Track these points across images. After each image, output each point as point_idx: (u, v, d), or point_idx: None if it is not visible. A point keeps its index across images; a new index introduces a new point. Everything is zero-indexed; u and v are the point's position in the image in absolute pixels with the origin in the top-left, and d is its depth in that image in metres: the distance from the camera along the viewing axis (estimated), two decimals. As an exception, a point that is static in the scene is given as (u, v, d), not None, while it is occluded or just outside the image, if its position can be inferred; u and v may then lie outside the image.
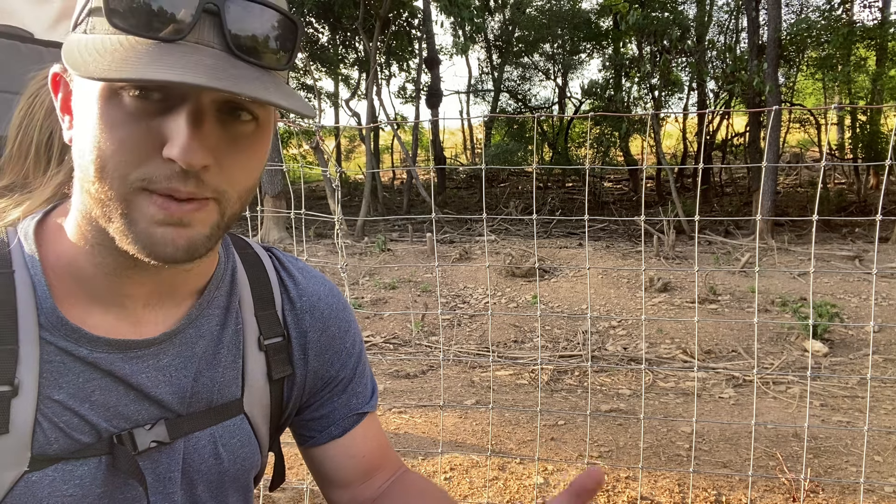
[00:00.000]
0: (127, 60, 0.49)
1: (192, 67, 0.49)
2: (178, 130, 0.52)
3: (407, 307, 7.07)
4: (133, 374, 0.65)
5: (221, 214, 0.59)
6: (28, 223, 0.65)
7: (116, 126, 0.53)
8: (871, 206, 13.41)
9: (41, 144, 0.69)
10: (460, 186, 19.99)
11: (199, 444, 0.70)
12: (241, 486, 0.76)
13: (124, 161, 0.53)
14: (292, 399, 0.79)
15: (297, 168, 10.28)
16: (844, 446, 3.62)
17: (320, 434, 0.82)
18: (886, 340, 5.59)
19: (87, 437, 0.63)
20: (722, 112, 14.83)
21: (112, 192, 0.55)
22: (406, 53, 18.64)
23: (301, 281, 0.80)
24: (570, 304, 7.03)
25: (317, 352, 0.79)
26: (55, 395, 0.61)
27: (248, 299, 0.75)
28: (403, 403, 4.43)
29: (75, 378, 0.62)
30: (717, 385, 4.83)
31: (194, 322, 0.69)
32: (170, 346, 0.67)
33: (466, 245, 10.20)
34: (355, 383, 0.83)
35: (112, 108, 0.53)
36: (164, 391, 0.67)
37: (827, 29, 13.52)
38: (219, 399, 0.71)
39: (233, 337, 0.72)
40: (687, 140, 18.15)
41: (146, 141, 0.53)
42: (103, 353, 0.63)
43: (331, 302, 0.81)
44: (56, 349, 0.61)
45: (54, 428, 0.61)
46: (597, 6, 18.34)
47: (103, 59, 0.49)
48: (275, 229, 11.72)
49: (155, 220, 0.55)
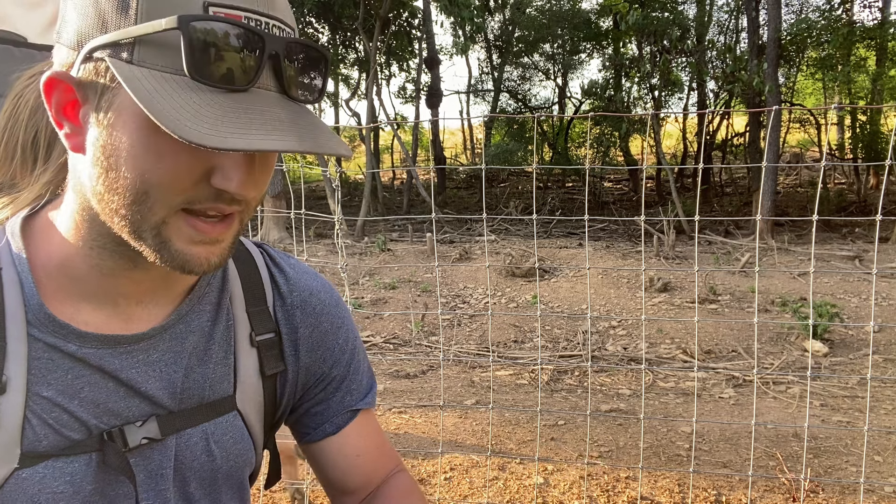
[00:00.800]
0: (216, 120, 0.50)
1: (274, 126, 0.52)
2: (235, 168, 0.55)
3: (407, 307, 7.07)
4: (123, 369, 0.65)
5: (241, 223, 0.61)
6: (14, 222, 0.65)
7: (165, 155, 0.54)
8: (871, 206, 13.41)
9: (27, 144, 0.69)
10: (460, 186, 19.99)
11: (191, 440, 0.70)
12: (235, 483, 0.76)
13: (171, 188, 0.55)
14: (285, 396, 0.79)
15: (297, 168, 10.28)
16: (844, 446, 3.62)
17: (314, 431, 0.82)
18: (886, 340, 5.59)
19: (77, 433, 0.63)
20: (722, 112, 14.83)
21: (151, 216, 0.56)
22: (406, 53, 18.64)
23: (292, 276, 0.80)
24: (570, 304, 7.03)
25: (308, 348, 0.79)
26: (44, 391, 0.62)
27: (239, 295, 0.75)
28: (403, 403, 4.43)
29: (64, 374, 0.62)
30: (717, 385, 4.83)
31: (184, 317, 0.70)
32: (160, 342, 0.68)
33: (466, 245, 10.20)
34: (350, 380, 0.83)
35: (160, 138, 0.53)
36: (155, 386, 0.67)
37: (827, 29, 13.52)
38: (210, 395, 0.71)
39: (224, 333, 0.73)
40: (687, 140, 18.15)
41: (195, 170, 0.55)
42: (92, 348, 0.63)
43: (323, 297, 0.81)
44: (44, 346, 0.62)
45: (43, 424, 0.61)
46: (597, 6, 18.35)
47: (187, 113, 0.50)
48: (275, 229, 11.73)
49: (192, 240, 0.57)
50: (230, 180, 0.55)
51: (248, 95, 0.54)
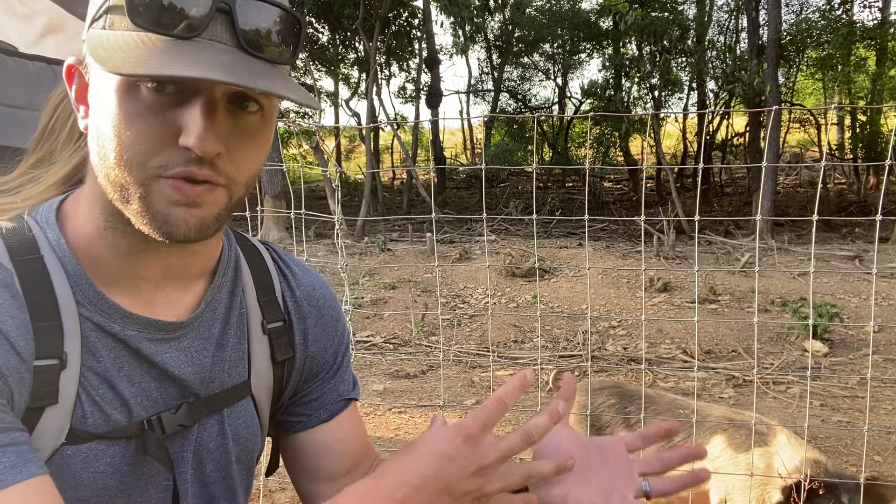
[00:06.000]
0: (150, 57, 0.53)
1: (209, 64, 0.54)
2: (194, 121, 0.57)
3: (407, 307, 7.06)
4: (158, 353, 0.68)
5: (229, 198, 0.63)
6: (47, 211, 0.68)
7: (135, 117, 0.57)
8: (871, 206, 13.41)
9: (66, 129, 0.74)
10: (460, 186, 19.98)
11: (209, 424, 0.73)
12: (245, 465, 0.80)
13: (143, 150, 0.58)
14: (290, 382, 0.83)
15: (297, 168, 10.28)
16: (844, 446, 3.62)
17: (309, 418, 0.85)
18: (886, 340, 5.59)
19: (119, 413, 0.66)
20: (722, 112, 14.83)
21: (131, 178, 0.59)
22: (406, 53, 18.64)
23: (298, 272, 0.85)
24: (570, 304, 7.03)
25: (315, 337, 0.83)
26: (95, 368, 0.64)
27: (250, 286, 0.79)
28: (403, 403, 4.43)
29: (108, 353, 0.65)
30: (717, 385, 4.83)
31: (210, 304, 0.73)
32: (191, 329, 0.71)
33: (466, 245, 10.20)
34: (343, 370, 0.87)
35: (130, 101, 0.57)
36: (187, 371, 0.70)
37: (827, 29, 13.52)
38: (230, 380, 0.75)
39: (238, 320, 0.76)
40: (687, 140, 18.15)
41: (163, 131, 0.58)
42: (134, 330, 0.66)
43: (323, 293, 0.86)
44: (92, 325, 0.65)
45: (91, 401, 0.64)
46: (597, 6, 18.34)
47: (128, 55, 0.53)
48: (275, 229, 11.72)
49: (171, 200, 0.59)
50: (188, 135, 0.56)
51: (194, 44, 0.56)
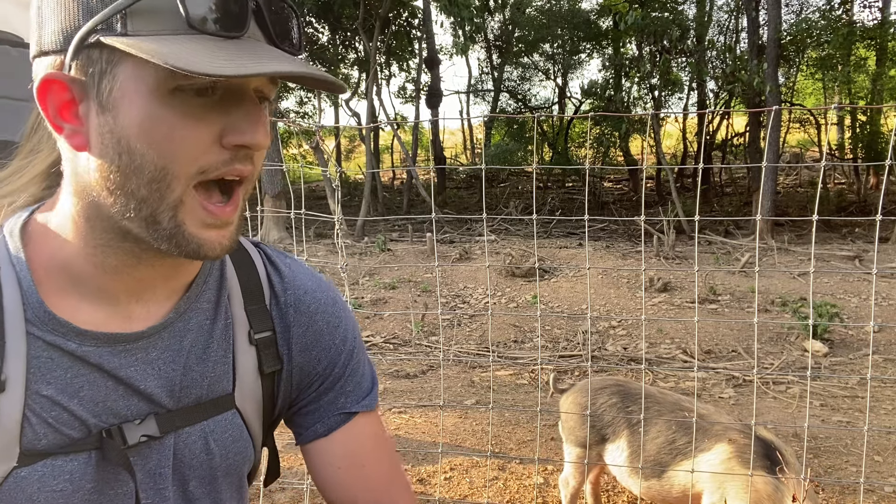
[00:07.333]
0: (227, 60, 0.53)
1: (276, 59, 0.55)
2: (247, 117, 0.57)
3: (407, 307, 7.06)
4: (121, 367, 0.65)
5: (244, 199, 0.63)
6: (14, 222, 0.65)
7: (176, 123, 0.56)
8: (871, 206, 13.40)
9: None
10: (460, 186, 19.98)
11: (189, 439, 0.70)
12: (234, 481, 0.76)
13: (188, 157, 0.56)
14: (281, 394, 0.79)
15: (297, 168, 10.28)
16: (844, 446, 3.63)
17: (306, 431, 0.80)
18: (886, 340, 5.59)
19: (76, 432, 0.63)
20: (722, 112, 14.82)
21: (169, 193, 0.57)
22: (406, 53, 18.63)
23: (287, 275, 0.79)
24: (570, 304, 7.03)
25: (301, 347, 0.78)
26: (43, 390, 0.62)
27: (237, 294, 0.75)
28: (403, 403, 4.43)
29: (63, 373, 0.62)
30: (717, 385, 4.83)
31: (183, 315, 0.69)
32: (158, 340, 0.67)
33: (466, 245, 10.20)
34: (345, 381, 0.80)
35: (169, 110, 0.55)
36: (153, 384, 0.67)
37: (827, 29, 13.51)
38: (210, 393, 0.71)
39: (223, 331, 0.73)
40: (687, 140, 18.14)
41: (207, 133, 0.57)
42: (92, 346, 0.63)
43: (318, 296, 0.80)
44: (44, 344, 0.62)
45: (43, 423, 0.61)
46: (597, 6, 18.32)
47: (212, 59, 0.52)
48: (275, 229, 11.72)
49: (205, 223, 0.59)
50: (244, 133, 0.57)
51: (242, 42, 0.56)
